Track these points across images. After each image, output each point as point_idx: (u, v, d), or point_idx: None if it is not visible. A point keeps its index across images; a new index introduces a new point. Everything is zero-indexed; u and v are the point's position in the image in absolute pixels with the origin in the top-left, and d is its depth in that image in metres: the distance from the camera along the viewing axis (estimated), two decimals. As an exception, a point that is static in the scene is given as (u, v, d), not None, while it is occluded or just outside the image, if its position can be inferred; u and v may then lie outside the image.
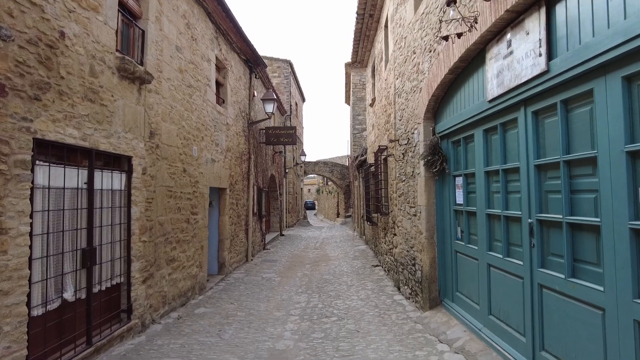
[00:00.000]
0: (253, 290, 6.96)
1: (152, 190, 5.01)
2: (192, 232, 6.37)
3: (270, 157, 14.31)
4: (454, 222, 4.47)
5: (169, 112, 5.55)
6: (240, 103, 9.48)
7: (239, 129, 9.25)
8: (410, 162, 5.46)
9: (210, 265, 8.16)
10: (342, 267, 9.17)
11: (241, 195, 9.48)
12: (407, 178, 5.66)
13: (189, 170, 6.23)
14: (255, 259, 10.37)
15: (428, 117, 4.86)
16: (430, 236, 4.82)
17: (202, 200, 6.76)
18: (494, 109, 3.37)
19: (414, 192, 5.33)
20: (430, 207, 4.82)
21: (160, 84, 5.30)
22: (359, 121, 19.83)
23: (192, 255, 6.35)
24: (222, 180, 7.88)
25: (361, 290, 6.66)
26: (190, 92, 6.31)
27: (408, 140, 5.59)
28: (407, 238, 5.76)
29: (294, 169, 22.25)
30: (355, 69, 19.89)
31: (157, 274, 5.17)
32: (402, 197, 6.05)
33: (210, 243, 8.15)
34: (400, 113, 6.12)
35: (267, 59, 21.10)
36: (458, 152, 4.37)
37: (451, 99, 4.39)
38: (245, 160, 9.89)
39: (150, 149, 4.98)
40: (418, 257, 5.15)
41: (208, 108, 7.13)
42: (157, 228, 5.17)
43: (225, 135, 8.18)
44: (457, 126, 4.19)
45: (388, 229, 7.55)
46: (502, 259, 3.36)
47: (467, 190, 4.13)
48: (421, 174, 4.94)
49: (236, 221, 9.06)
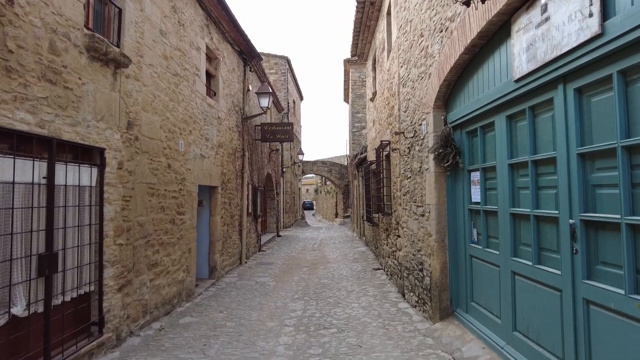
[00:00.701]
0: (245, 297, 6.44)
1: (130, 188, 4.49)
2: (178, 234, 5.84)
3: (267, 155, 13.78)
4: (468, 223, 3.96)
5: (151, 102, 5.03)
6: (234, 97, 8.95)
7: (231, 124, 8.72)
8: (417, 157, 4.96)
9: (200, 269, 7.63)
10: (342, 270, 8.66)
11: (234, 194, 8.95)
12: (414, 174, 5.15)
13: (175, 166, 5.71)
14: (249, 262, 9.84)
15: (438, 105, 4.36)
16: (440, 239, 4.31)
17: (190, 199, 6.24)
18: (522, 90, 2.86)
19: (421, 190, 4.82)
20: (441, 206, 4.31)
21: (141, 70, 4.78)
22: (358, 119, 19.33)
23: (178, 259, 5.82)
24: (212, 178, 7.36)
25: (362, 297, 6.15)
26: (176, 82, 5.79)
27: (415, 133, 5.08)
28: (413, 240, 5.25)
29: (291, 168, 21.72)
30: (354, 66, 19.41)
31: (137, 280, 4.64)
32: (407, 196, 5.54)
33: (200, 245, 7.62)
34: (406, 104, 5.61)
35: (264, 55, 20.58)
36: (474, 143, 3.87)
37: (466, 84, 3.89)
38: (239, 157, 9.37)
39: (127, 141, 4.45)
40: (426, 261, 4.64)
41: (197, 100, 6.61)
42: (137, 229, 4.65)
43: (217, 129, 7.65)
44: (473, 114, 3.69)
45: (391, 230, 7.04)
46: (532, 266, 2.85)
47: (486, 187, 3.63)
48: (430, 169, 4.43)
49: (229, 222, 8.53)
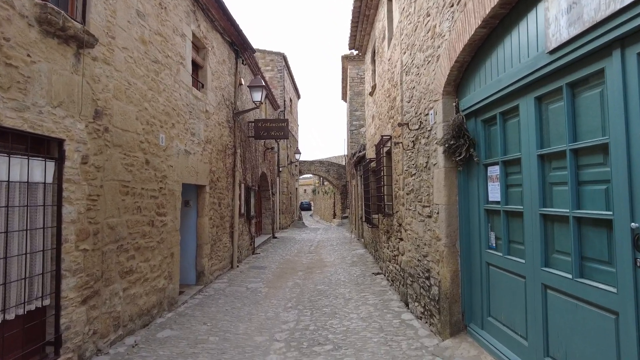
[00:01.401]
0: (234, 305, 5.89)
1: (97, 185, 3.94)
2: (158, 237, 5.29)
3: (261, 153, 13.24)
4: (485, 225, 3.42)
5: (126, 90, 4.48)
6: (224, 90, 8.41)
7: (221, 119, 8.17)
8: (424, 151, 4.43)
9: (186, 275, 7.08)
10: (339, 274, 8.11)
11: (225, 194, 8.40)
12: (419, 171, 4.62)
13: (154, 162, 5.16)
14: (241, 265, 9.29)
15: (449, 91, 3.82)
16: (451, 243, 3.78)
17: (172, 199, 5.69)
18: (559, 63, 2.33)
19: (428, 188, 4.29)
20: (452, 206, 3.78)
21: (113, 53, 4.23)
22: (357, 117, 18.81)
23: (158, 265, 5.27)
24: (199, 176, 6.81)
25: (361, 306, 5.61)
26: (157, 69, 5.24)
27: (420, 124, 4.55)
28: (418, 244, 4.71)
29: (288, 168, 21.17)
30: (352, 62, 18.88)
31: (106, 290, 4.09)
32: (411, 195, 5.01)
33: (186, 249, 7.07)
34: (409, 93, 5.08)
35: (260, 51, 20.05)
36: (492, 133, 3.34)
37: (481, 64, 3.36)
38: (230, 154, 8.82)
39: (95, 132, 3.90)
40: (434, 269, 4.11)
41: (181, 90, 6.06)
42: (106, 233, 4.09)
43: (205, 124, 7.10)
44: (491, 98, 3.16)
45: (392, 232, 6.50)
46: (572, 280, 2.32)
47: (507, 183, 3.10)
48: (439, 164, 3.90)
49: (219, 223, 7.98)
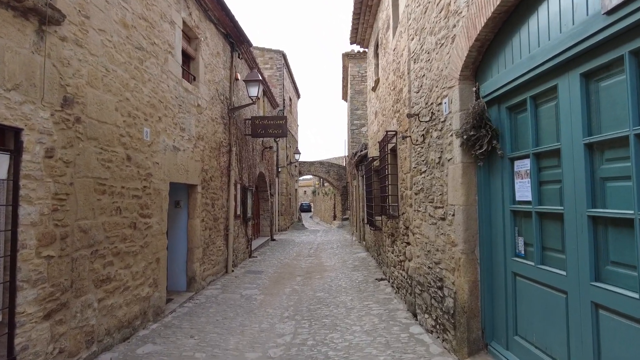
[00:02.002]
0: (226, 315, 5.40)
1: (66, 183, 3.46)
2: (142, 241, 4.81)
3: (259, 152, 12.76)
4: (511, 229, 2.94)
5: (103, 77, 4.01)
6: (218, 84, 7.94)
7: (215, 114, 7.70)
8: (436, 145, 3.95)
9: (176, 280, 6.60)
10: (340, 280, 7.63)
11: (219, 194, 7.92)
12: (430, 168, 4.14)
13: (137, 158, 4.68)
14: (237, 270, 8.80)
15: (466, 75, 3.35)
16: (469, 249, 3.30)
17: (158, 199, 5.21)
18: (621, 25, 1.86)
19: (441, 187, 3.81)
20: (470, 207, 3.30)
21: (87, 35, 3.76)
22: (358, 116, 18.35)
23: (141, 272, 4.78)
24: (190, 175, 6.33)
25: (365, 317, 5.12)
26: (141, 57, 4.78)
27: (431, 116, 4.07)
28: (429, 250, 4.23)
29: (287, 168, 20.70)
30: (353, 60, 18.43)
31: (77, 302, 3.61)
32: (420, 195, 4.53)
33: (176, 253, 6.59)
34: (418, 82, 4.61)
35: (259, 49, 19.62)
36: (520, 121, 2.86)
37: (507, 41, 2.88)
38: (225, 152, 8.34)
39: (63, 122, 3.43)
40: (448, 278, 3.62)
41: (170, 82, 5.59)
42: (78, 237, 3.61)
43: (196, 119, 6.63)
44: (520, 80, 2.68)
45: (397, 235, 6.02)
46: (638, 300, 1.83)
47: (540, 180, 2.62)
48: (455, 159, 3.42)
49: (212, 225, 7.50)
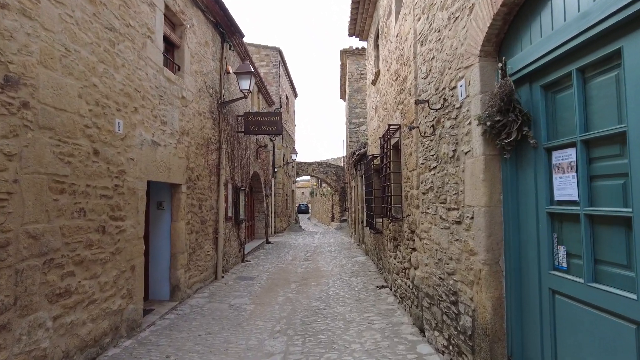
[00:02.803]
0: (210, 329, 4.83)
1: (7, 179, 2.89)
2: (113, 247, 4.23)
3: (253, 151, 12.19)
4: (547, 236, 2.38)
5: (62, 57, 3.44)
6: (207, 76, 7.37)
7: (203, 108, 7.13)
8: (449, 137, 3.39)
9: (158, 289, 6.02)
10: (338, 288, 7.05)
11: (207, 194, 7.34)
12: (442, 163, 3.57)
13: (107, 153, 4.11)
14: (227, 276, 8.21)
15: (488, 51, 2.79)
16: (493, 260, 2.73)
17: (133, 200, 4.63)
18: None
19: (455, 185, 3.25)
20: (494, 208, 2.73)
21: (38, 6, 3.19)
22: (356, 114, 17.82)
23: (111, 282, 4.20)
24: (172, 173, 5.75)
25: (365, 332, 4.55)
26: (112, 39, 4.21)
27: (443, 102, 3.51)
28: (440, 258, 3.66)
29: (284, 169, 20.12)
30: (351, 57, 17.90)
31: (22, 322, 3.03)
32: (430, 195, 3.96)
33: (158, 259, 6.01)
34: (427, 66, 4.05)
35: (254, 46, 19.08)
36: (560, 101, 2.30)
37: (542, 4, 2.32)
38: (214, 150, 7.76)
39: (4, 106, 2.86)
40: (465, 292, 3.06)
41: (149, 69, 5.02)
42: (25, 244, 3.04)
43: (180, 112, 6.06)
44: (563, 49, 2.12)
45: (401, 240, 5.45)
46: None
47: (590, 174, 2.06)
48: (475, 151, 2.86)
49: (199, 228, 6.92)
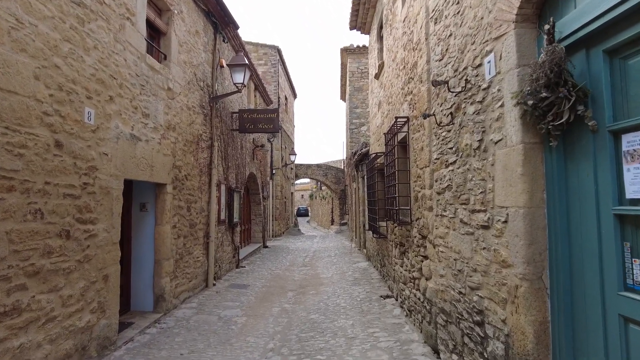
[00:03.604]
0: (194, 346, 4.27)
1: None
2: (80, 254, 3.68)
3: (250, 151, 11.65)
4: (616, 245, 1.83)
5: (10, 29, 2.91)
6: (197, 68, 6.83)
7: (193, 102, 6.59)
8: (473, 124, 2.84)
9: (141, 299, 5.45)
10: (338, 297, 6.49)
11: (197, 195, 6.79)
12: (464, 156, 3.03)
13: (73, 146, 3.56)
14: (220, 283, 7.64)
15: (527, 14, 2.25)
16: (534, 274, 2.18)
17: (107, 200, 4.08)
18: None
19: (482, 182, 2.70)
20: (536, 209, 2.19)
21: (-18, -33, 2.66)
22: (357, 114, 17.30)
23: (77, 294, 3.64)
24: (155, 171, 5.20)
25: (370, 351, 3.98)
26: (81, 16, 3.67)
27: (465, 85, 2.97)
28: (460, 269, 3.11)
29: (282, 170, 19.57)
30: (352, 55, 17.40)
31: (-45, 348, 2.47)
32: (447, 194, 3.41)
33: (141, 266, 5.46)
34: (443, 45, 3.51)
35: (252, 44, 18.59)
36: (633, 71, 1.75)
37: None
38: (205, 148, 7.22)
39: None
40: (495, 312, 2.51)
41: (128, 55, 4.49)
42: (-41, 252, 2.49)
43: (166, 105, 5.52)
44: (643, -3, 1.58)
45: (410, 246, 4.90)
46: None
47: (687, 163, 1.51)
48: (509, 138, 2.31)
49: (187, 232, 6.36)
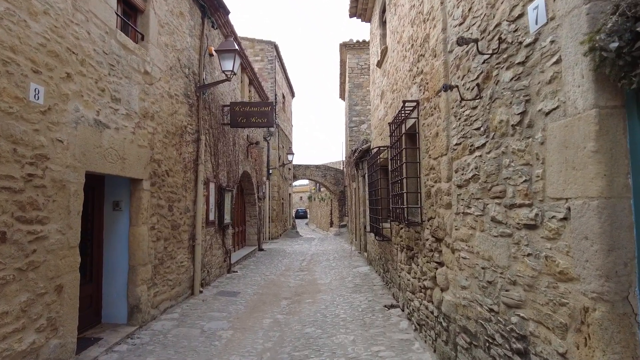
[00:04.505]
0: (167, 369, 3.61)
1: None
2: (23, 261, 3.02)
3: (243, 148, 11.00)
4: None
5: None
6: (181, 53, 6.19)
7: (176, 90, 5.94)
8: (511, 94, 2.20)
9: (113, 310, 4.79)
10: (337, 307, 5.82)
11: (181, 194, 6.13)
12: (498, 137, 2.38)
13: (14, 129, 2.91)
14: (207, 291, 6.97)
15: None
16: (617, 294, 1.53)
17: (62, 196, 3.42)
18: None
19: (526, 168, 2.06)
20: (617, 201, 1.55)
21: None
22: (357, 112, 16.69)
23: (16, 310, 2.98)
24: (129, 164, 4.54)
25: (376, 377, 3.33)
26: (28, -26, 3.03)
27: (499, 44, 2.33)
28: (492, 280, 2.46)
29: (279, 170, 18.91)
30: (351, 51, 16.80)
31: None
32: (472, 187, 2.77)
33: (113, 272, 4.80)
34: (464, 6, 2.87)
35: (248, 40, 17.98)
36: None
37: None
38: (191, 141, 6.57)
39: None
40: (547, 341, 1.86)
41: (92, 28, 3.85)
42: None
43: (142, 90, 4.87)
44: None
45: (420, 249, 4.25)
46: None
47: None
48: (569, 106, 1.67)
49: (169, 235, 5.70)
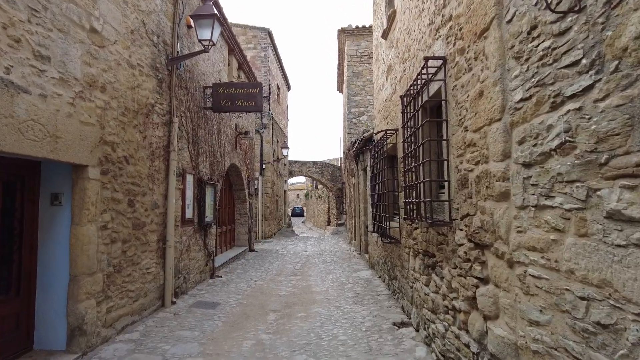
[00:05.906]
0: None
1: None
2: None
3: (231, 138, 9.94)
4: None
5: None
6: (148, 16, 5.12)
7: (139, 60, 4.88)
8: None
9: (50, 332, 3.75)
10: (336, 324, 4.79)
11: (146, 186, 5.08)
12: (630, 67, 1.35)
13: None
14: (182, 301, 5.92)
15: None
16: None
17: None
18: None
19: None
20: None
21: None
22: (356, 103, 15.66)
23: None
24: (64, 145, 3.48)
25: None
26: None
27: None
28: (599, 321, 1.43)
29: (274, 165, 17.86)
30: (350, 37, 15.76)
31: None
32: (556, 163, 1.74)
33: (50, 283, 3.77)
34: None
35: (241, 26, 16.87)
36: None
37: None
38: (161, 124, 5.50)
39: None
40: None
41: (2, -45, 2.79)
42: None
43: (87, 52, 3.81)
44: None
45: (447, 257, 3.22)
46: None
47: None
48: None
49: (129, 235, 4.65)
